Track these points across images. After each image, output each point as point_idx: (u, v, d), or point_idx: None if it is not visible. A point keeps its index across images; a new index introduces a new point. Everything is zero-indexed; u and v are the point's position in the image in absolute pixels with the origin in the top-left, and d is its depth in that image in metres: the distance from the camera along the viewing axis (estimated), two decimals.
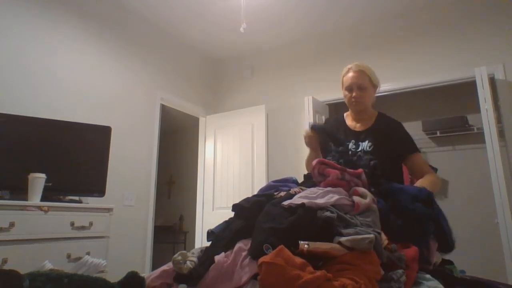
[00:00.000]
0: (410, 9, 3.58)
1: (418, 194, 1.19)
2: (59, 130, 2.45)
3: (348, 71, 1.78)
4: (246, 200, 1.22)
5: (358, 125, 1.79)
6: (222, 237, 1.12)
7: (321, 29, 3.99)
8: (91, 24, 3.18)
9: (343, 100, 1.91)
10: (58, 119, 2.51)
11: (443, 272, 1.20)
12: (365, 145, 1.65)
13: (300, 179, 1.53)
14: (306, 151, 2.02)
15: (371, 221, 1.07)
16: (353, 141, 1.69)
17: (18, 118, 2.29)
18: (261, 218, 1.05)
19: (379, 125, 1.77)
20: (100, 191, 2.52)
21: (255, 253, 0.93)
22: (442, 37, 3.41)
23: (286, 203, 1.07)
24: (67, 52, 2.96)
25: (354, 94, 1.74)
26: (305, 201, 1.04)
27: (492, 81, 3.04)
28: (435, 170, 3.97)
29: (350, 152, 1.64)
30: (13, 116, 2.27)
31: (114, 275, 1.02)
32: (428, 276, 1.07)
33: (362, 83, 1.74)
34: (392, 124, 1.82)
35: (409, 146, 1.71)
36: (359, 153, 1.61)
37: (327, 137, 1.78)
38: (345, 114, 1.89)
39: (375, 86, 1.85)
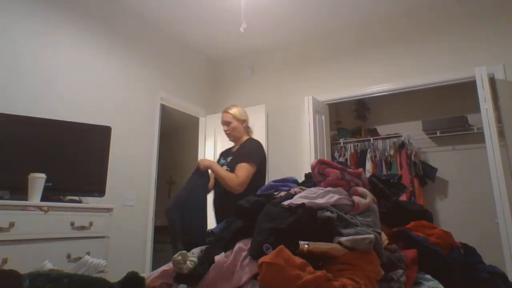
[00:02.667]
0: (409, 9, 3.58)
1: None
2: (59, 130, 2.45)
3: (222, 112, 2.48)
4: (246, 200, 1.22)
5: (234, 148, 2.48)
6: (222, 237, 1.12)
7: (321, 29, 3.99)
8: (91, 24, 3.18)
9: (343, 100, 2.02)
10: (58, 119, 2.51)
11: None
12: (229, 158, 2.35)
13: (300, 179, 1.53)
14: (306, 151, 2.11)
15: (371, 221, 1.07)
16: (227, 158, 2.38)
17: (18, 118, 2.29)
18: (261, 218, 1.05)
19: (242, 145, 2.41)
20: (100, 191, 2.52)
21: (255, 253, 0.93)
22: (442, 37, 3.41)
23: (286, 203, 1.07)
24: (67, 52, 2.96)
25: (225, 129, 2.44)
26: (305, 201, 1.04)
27: (492, 81, 3.04)
28: (435, 170, 3.97)
29: (220, 163, 2.35)
30: (13, 116, 2.27)
31: (114, 275, 1.02)
32: (428, 276, 1.07)
33: (227, 120, 2.42)
34: (248, 143, 2.40)
35: (243, 156, 2.25)
36: (224, 163, 2.32)
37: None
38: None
39: (241, 120, 2.44)
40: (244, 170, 2.18)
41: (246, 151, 2.32)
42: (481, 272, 1.16)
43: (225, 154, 2.50)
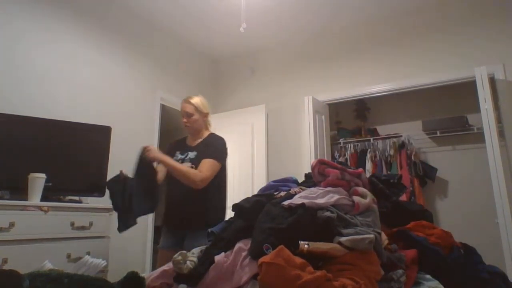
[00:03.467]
0: (409, 10, 3.58)
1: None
2: (59, 130, 2.45)
3: (182, 102, 2.32)
4: (246, 200, 1.22)
5: (192, 142, 2.30)
6: (222, 237, 1.12)
7: (321, 30, 3.99)
8: (91, 24, 3.18)
9: (343, 100, 2.00)
10: (58, 119, 2.51)
11: None
12: (191, 154, 2.18)
13: (300, 179, 1.53)
14: (306, 151, 2.10)
15: (371, 221, 1.07)
16: (186, 153, 2.20)
17: (18, 118, 2.29)
18: (261, 218, 1.04)
19: (206, 140, 2.27)
20: (100, 191, 2.52)
21: (255, 253, 0.93)
22: (442, 37, 3.41)
23: (286, 203, 1.07)
24: (67, 52, 2.96)
25: (185, 120, 2.26)
26: (305, 201, 1.04)
27: (492, 81, 3.04)
28: (435, 170, 3.97)
29: (179, 159, 2.18)
30: (13, 116, 2.27)
31: (114, 275, 1.02)
32: (428, 276, 1.07)
33: (189, 111, 2.25)
34: (213, 139, 2.28)
35: (209, 153, 2.14)
36: (185, 158, 2.16)
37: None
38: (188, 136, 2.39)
39: (203, 113, 2.31)
40: (209, 165, 2.08)
41: (216, 149, 2.20)
42: (481, 272, 1.16)
43: (181, 148, 2.28)
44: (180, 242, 2.08)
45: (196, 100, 2.31)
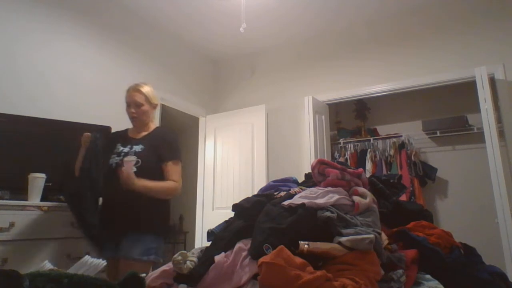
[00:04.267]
0: (408, 10, 3.58)
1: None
2: (59, 130, 2.45)
3: (130, 89, 2.09)
4: (247, 200, 1.22)
5: (136, 134, 2.11)
6: (222, 237, 1.12)
7: (321, 30, 3.99)
8: (91, 24, 3.18)
9: (343, 100, 1.97)
10: (58, 119, 2.51)
11: None
12: (137, 147, 2.00)
13: (300, 179, 1.53)
14: (306, 151, 2.08)
15: (371, 221, 1.07)
16: (129, 145, 2.01)
17: (18, 118, 2.29)
18: (261, 218, 1.05)
19: (155, 135, 2.10)
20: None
21: (255, 253, 0.93)
22: (442, 37, 3.41)
23: (286, 203, 1.07)
24: (66, 52, 2.96)
25: (133, 111, 2.05)
26: (305, 201, 1.04)
27: (492, 81, 3.04)
28: (435, 170, 3.97)
29: (121, 151, 1.99)
30: (13, 116, 2.27)
31: None
32: (428, 276, 1.07)
33: (139, 101, 2.05)
34: (165, 134, 2.13)
35: (168, 154, 2.04)
36: (130, 151, 1.97)
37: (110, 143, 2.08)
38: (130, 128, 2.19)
39: (153, 104, 2.14)
40: (177, 170, 2.04)
41: (173, 147, 2.09)
42: (481, 272, 1.16)
43: (122, 140, 2.07)
44: (116, 248, 1.90)
45: (146, 89, 2.10)
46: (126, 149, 2.00)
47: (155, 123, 2.21)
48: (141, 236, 1.89)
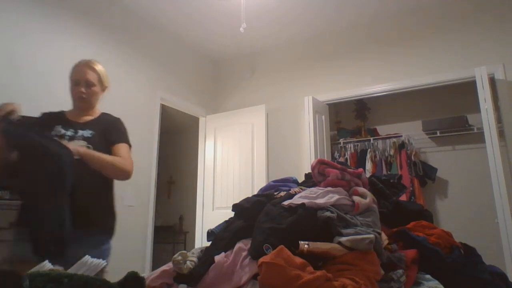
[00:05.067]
0: (408, 10, 3.58)
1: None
2: None
3: (80, 64, 1.82)
4: (247, 200, 1.22)
5: (78, 118, 1.83)
6: (222, 237, 1.12)
7: (321, 30, 3.99)
8: (91, 24, 3.18)
9: (343, 100, 1.94)
10: None
11: None
12: (84, 132, 1.76)
13: (300, 179, 1.53)
14: (306, 151, 2.01)
15: (371, 221, 1.07)
16: (74, 130, 1.75)
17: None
18: (261, 218, 1.05)
19: (103, 120, 1.89)
20: None
21: (255, 253, 0.93)
22: (442, 37, 3.41)
23: (286, 203, 1.07)
24: (66, 52, 2.96)
25: (82, 90, 1.78)
26: (305, 201, 1.04)
27: (492, 81, 3.04)
28: (435, 170, 3.97)
29: (62, 134, 1.71)
30: None
31: (114, 275, 1.02)
32: (428, 276, 1.07)
33: (91, 80, 1.80)
34: (115, 121, 1.94)
35: (116, 137, 1.85)
36: (76, 136, 1.72)
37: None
38: (67, 110, 1.90)
39: (104, 87, 1.92)
40: (128, 152, 1.84)
41: (124, 133, 1.92)
42: (481, 272, 1.16)
43: (62, 122, 1.79)
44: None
45: (100, 67, 1.87)
46: (69, 133, 1.73)
47: (99, 108, 1.96)
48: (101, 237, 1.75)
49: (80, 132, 1.75)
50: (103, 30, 3.28)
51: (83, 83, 1.79)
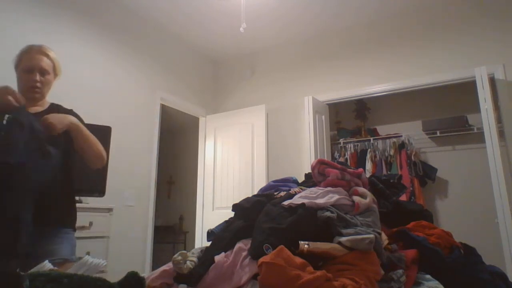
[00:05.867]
0: (408, 10, 3.58)
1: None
2: None
3: (31, 50, 1.62)
4: (247, 200, 1.22)
5: (32, 108, 1.61)
6: (222, 237, 1.12)
7: (321, 30, 3.99)
8: (91, 24, 3.18)
9: (343, 100, 1.92)
10: None
11: None
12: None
13: (300, 179, 1.53)
14: (306, 151, 1.99)
15: (371, 221, 1.07)
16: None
17: None
18: (261, 218, 1.05)
19: (55, 109, 1.70)
20: (100, 191, 2.52)
21: (255, 253, 0.93)
22: (442, 37, 3.41)
23: (286, 203, 1.07)
24: (66, 52, 2.96)
25: (37, 78, 1.60)
26: (305, 201, 1.04)
27: (492, 81, 3.04)
28: (435, 170, 3.97)
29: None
30: None
31: (114, 275, 1.02)
32: (428, 276, 1.07)
33: (45, 67, 1.62)
34: (69, 112, 1.76)
35: None
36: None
37: None
38: None
39: (57, 75, 1.74)
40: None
41: (82, 123, 1.72)
42: (481, 272, 1.16)
43: (6, 111, 1.47)
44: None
45: (53, 54, 1.70)
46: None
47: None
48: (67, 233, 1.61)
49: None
50: (103, 30, 3.28)
51: (38, 70, 1.61)
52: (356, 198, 1.13)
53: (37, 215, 1.34)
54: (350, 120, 4.64)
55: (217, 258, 0.96)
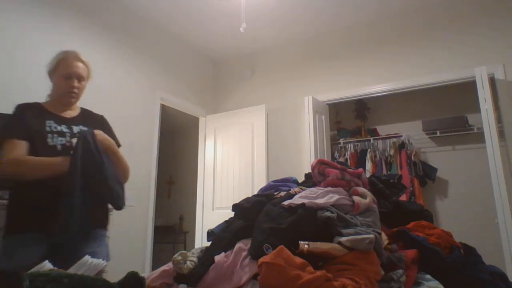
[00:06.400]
0: (408, 10, 3.58)
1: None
2: None
3: (70, 57, 1.69)
4: (247, 200, 1.22)
5: (62, 112, 1.71)
6: (222, 237, 1.12)
7: (321, 30, 3.99)
8: (91, 24, 3.18)
9: (343, 100, 1.92)
10: None
11: None
12: (80, 128, 1.67)
13: (300, 179, 1.53)
14: (306, 151, 2.00)
15: (371, 221, 1.07)
16: (64, 125, 1.65)
17: None
18: (261, 218, 1.05)
19: (88, 115, 1.82)
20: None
21: (255, 253, 0.93)
22: (442, 37, 3.41)
23: (286, 203, 1.07)
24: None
25: (75, 84, 1.68)
26: (305, 201, 1.04)
27: (492, 81, 3.05)
28: (435, 170, 3.97)
29: (58, 131, 1.60)
30: None
31: (114, 275, 1.02)
32: (428, 276, 1.07)
33: (82, 74, 1.70)
34: (102, 118, 1.88)
35: (112, 138, 1.77)
36: (73, 134, 1.61)
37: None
38: (43, 103, 1.75)
39: (89, 79, 1.81)
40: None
41: (112, 131, 1.83)
42: (481, 272, 1.16)
43: (50, 117, 1.64)
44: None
45: (86, 60, 1.76)
46: (65, 129, 1.61)
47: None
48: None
49: (75, 129, 1.65)
50: (103, 30, 3.28)
51: (76, 77, 1.68)
52: (356, 198, 1.13)
53: (90, 216, 1.49)
54: (350, 120, 4.64)
55: (217, 258, 0.97)
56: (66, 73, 1.66)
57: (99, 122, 1.82)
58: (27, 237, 1.46)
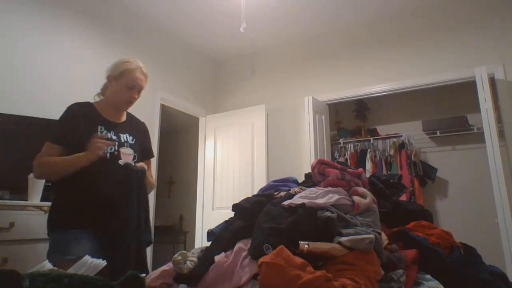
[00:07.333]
0: (408, 10, 3.58)
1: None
2: None
3: (135, 69, 1.74)
4: (247, 200, 1.22)
5: (112, 117, 1.76)
6: (222, 237, 1.12)
7: (321, 30, 3.99)
8: (90, 23, 3.18)
9: (343, 100, 1.92)
10: (57, 119, 2.50)
11: None
12: (126, 137, 1.72)
13: (300, 179, 1.53)
14: (306, 151, 2.00)
15: (371, 221, 1.07)
16: (117, 132, 1.70)
17: (18, 118, 2.29)
18: (261, 218, 1.05)
19: (133, 121, 1.88)
20: None
21: (255, 253, 0.93)
22: (442, 37, 3.41)
23: (286, 203, 1.07)
24: (65, 52, 2.96)
25: (135, 96, 1.77)
26: (305, 201, 1.04)
27: (492, 81, 3.04)
28: (435, 170, 3.97)
29: (108, 137, 1.64)
30: (12, 116, 2.27)
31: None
32: (428, 276, 1.07)
33: (143, 87, 1.79)
34: (143, 124, 1.94)
35: (151, 150, 1.89)
36: (124, 142, 1.69)
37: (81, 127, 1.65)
38: (95, 104, 1.80)
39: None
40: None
41: (148, 141, 1.88)
42: (481, 272, 1.16)
43: (101, 122, 1.69)
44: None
45: (146, 72, 1.82)
46: (113, 136, 1.66)
47: None
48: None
49: (122, 137, 1.70)
50: (103, 30, 3.28)
51: (138, 89, 1.76)
52: (356, 198, 1.13)
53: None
54: (350, 120, 4.64)
55: (217, 258, 0.97)
56: (130, 84, 1.72)
57: (143, 130, 1.88)
58: (80, 233, 1.51)
